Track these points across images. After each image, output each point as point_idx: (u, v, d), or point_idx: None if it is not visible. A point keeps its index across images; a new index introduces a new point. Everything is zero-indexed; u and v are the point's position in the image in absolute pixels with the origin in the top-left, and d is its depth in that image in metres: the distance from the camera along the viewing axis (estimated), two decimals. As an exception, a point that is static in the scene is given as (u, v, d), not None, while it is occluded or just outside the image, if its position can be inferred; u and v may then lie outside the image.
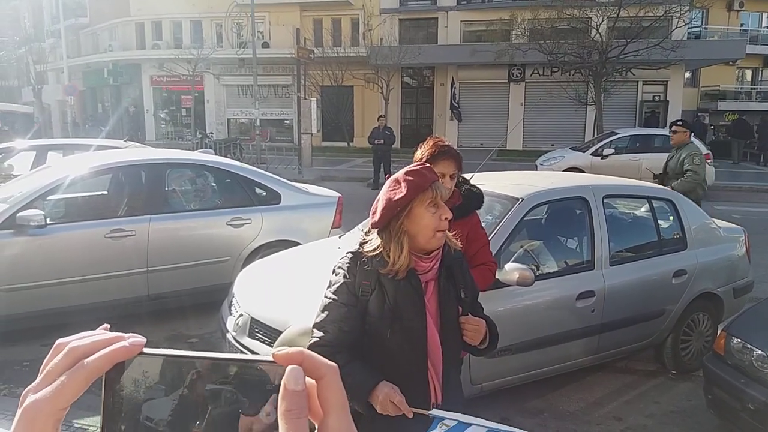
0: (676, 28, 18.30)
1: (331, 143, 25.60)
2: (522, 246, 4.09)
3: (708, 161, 13.71)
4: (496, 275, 3.16)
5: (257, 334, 3.61)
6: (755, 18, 27.95)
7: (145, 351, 0.43)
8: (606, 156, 14.11)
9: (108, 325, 0.47)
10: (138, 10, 28.18)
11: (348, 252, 2.03)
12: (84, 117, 28.77)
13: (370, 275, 1.93)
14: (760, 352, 3.42)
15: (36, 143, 9.46)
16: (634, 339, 4.51)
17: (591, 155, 14.37)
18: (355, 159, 21.07)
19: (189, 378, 0.43)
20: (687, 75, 26.19)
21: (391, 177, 1.97)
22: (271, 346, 3.44)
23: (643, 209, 5.00)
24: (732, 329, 3.74)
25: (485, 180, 3.92)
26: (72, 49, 29.78)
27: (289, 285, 3.97)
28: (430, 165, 2.07)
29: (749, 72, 29.10)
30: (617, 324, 4.26)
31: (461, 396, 2.18)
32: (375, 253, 1.92)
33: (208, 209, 6.04)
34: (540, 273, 3.93)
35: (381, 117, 15.77)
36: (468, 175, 3.27)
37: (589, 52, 18.12)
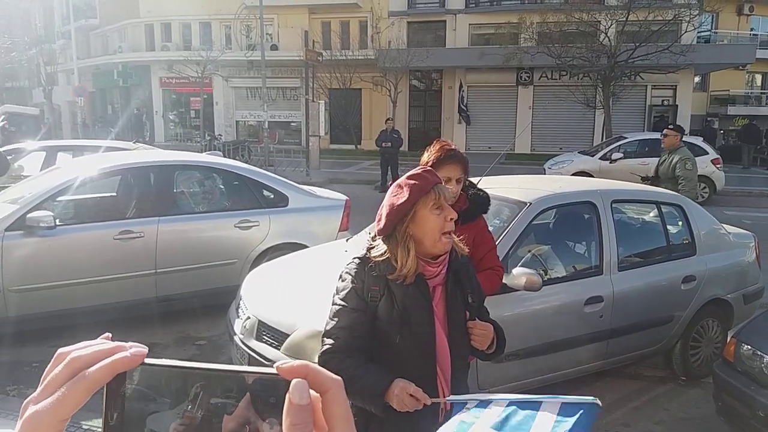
0: (685, 32, 18.25)
1: (339, 146, 25.67)
2: (530, 250, 4.07)
3: (717, 166, 13.68)
4: (503, 280, 3.14)
5: (264, 336, 3.61)
6: (765, 22, 27.73)
7: (147, 361, 0.43)
8: (615, 160, 14.05)
9: (109, 335, 0.46)
10: (147, 11, 28.37)
11: (355, 257, 2.03)
12: (93, 118, 28.99)
13: (379, 281, 1.94)
14: (770, 359, 3.39)
15: (46, 144, 9.53)
16: (642, 345, 4.48)
17: (599, 159, 14.32)
18: (363, 162, 21.04)
19: (193, 391, 0.42)
20: (696, 79, 26.04)
21: (394, 183, 1.97)
22: (279, 349, 3.44)
23: (652, 214, 4.96)
24: (742, 336, 3.71)
25: (493, 184, 3.91)
26: (82, 51, 30.04)
27: (297, 288, 3.97)
28: (432, 168, 2.07)
29: (759, 76, 28.93)
30: (626, 330, 4.23)
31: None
32: (382, 259, 1.92)
33: (216, 211, 6.07)
34: (548, 278, 3.91)
35: (389, 120, 15.78)
36: (476, 179, 3.26)
37: (598, 55, 18.08)
